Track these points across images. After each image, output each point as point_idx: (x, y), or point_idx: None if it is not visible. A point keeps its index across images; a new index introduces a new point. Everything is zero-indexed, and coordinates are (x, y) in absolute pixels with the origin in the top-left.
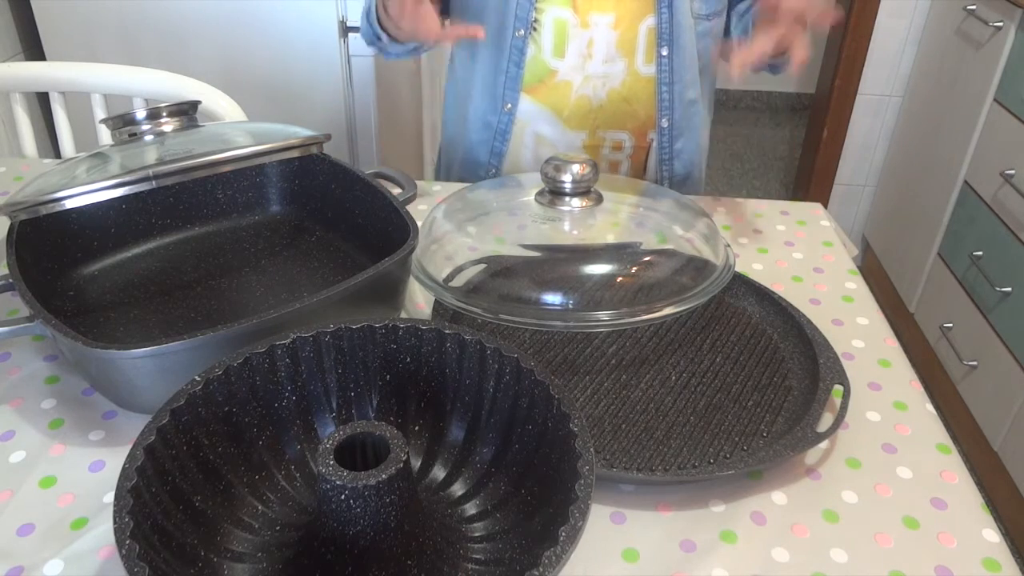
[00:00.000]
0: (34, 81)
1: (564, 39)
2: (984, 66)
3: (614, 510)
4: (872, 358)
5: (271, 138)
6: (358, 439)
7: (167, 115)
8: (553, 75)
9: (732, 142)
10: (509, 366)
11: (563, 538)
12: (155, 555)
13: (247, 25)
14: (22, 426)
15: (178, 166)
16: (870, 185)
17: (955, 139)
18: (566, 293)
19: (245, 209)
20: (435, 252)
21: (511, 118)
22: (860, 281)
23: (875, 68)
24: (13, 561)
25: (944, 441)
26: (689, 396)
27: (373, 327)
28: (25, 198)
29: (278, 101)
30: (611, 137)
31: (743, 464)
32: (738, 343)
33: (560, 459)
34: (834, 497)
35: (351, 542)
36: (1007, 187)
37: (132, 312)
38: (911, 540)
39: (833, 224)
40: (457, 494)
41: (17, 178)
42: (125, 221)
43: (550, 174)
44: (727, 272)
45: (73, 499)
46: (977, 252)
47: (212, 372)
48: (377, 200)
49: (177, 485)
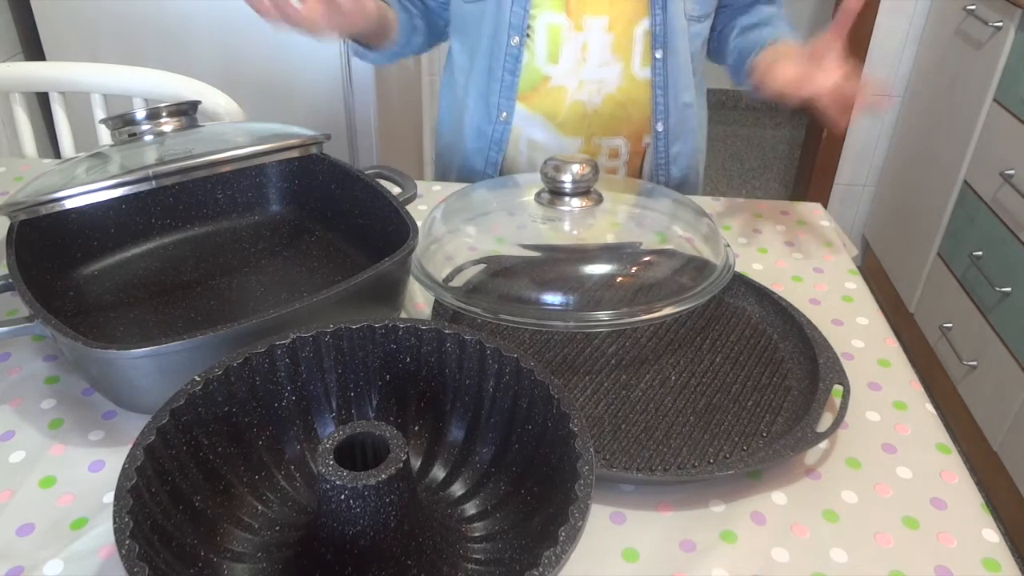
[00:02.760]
0: (34, 81)
1: (558, 44)
2: (984, 66)
3: (614, 510)
4: (872, 358)
5: (271, 138)
6: (358, 439)
7: (167, 115)
8: (547, 81)
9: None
10: (509, 366)
11: (563, 538)
12: (155, 555)
13: (247, 25)
14: (22, 426)
15: (178, 166)
16: (870, 185)
17: (955, 139)
18: (566, 293)
19: (245, 209)
20: (435, 252)
21: (507, 127)
22: (860, 281)
23: (875, 68)
24: (13, 561)
25: (944, 441)
26: (689, 396)
27: (373, 327)
28: (25, 198)
29: (278, 101)
30: (607, 144)
31: (743, 464)
32: (738, 343)
33: (560, 459)
34: (834, 497)
35: (351, 542)
36: (1007, 187)
37: (132, 312)
38: (911, 540)
39: (833, 224)
40: (457, 494)
41: (17, 178)
42: (125, 221)
43: (550, 174)
44: (727, 272)
45: (73, 499)
46: (977, 252)
47: (212, 372)
48: (377, 200)
49: (177, 485)
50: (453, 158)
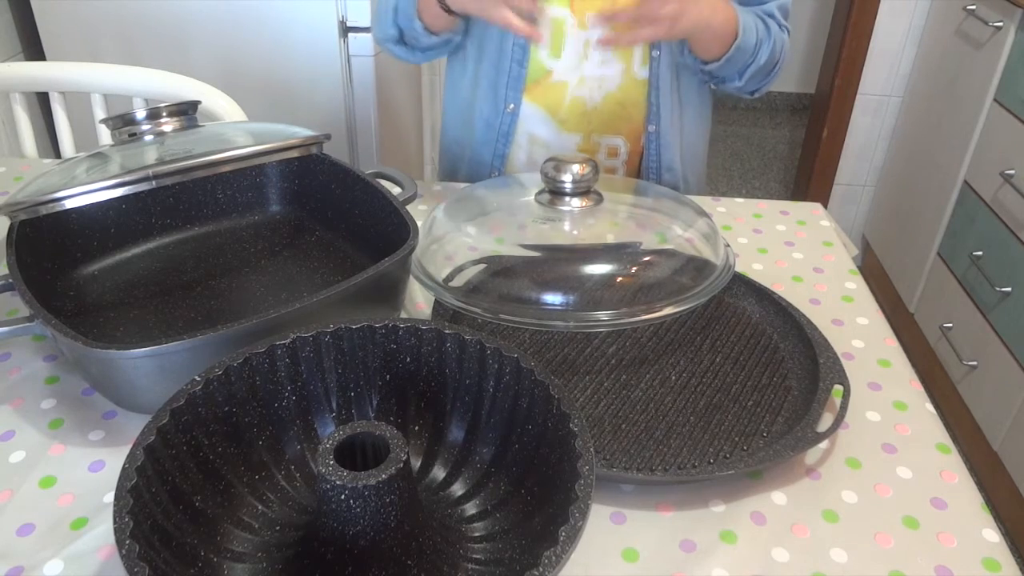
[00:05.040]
0: (34, 81)
1: (561, 39)
2: (984, 66)
3: (614, 510)
4: (872, 358)
5: (271, 138)
6: (358, 439)
7: (167, 115)
8: (549, 75)
9: (732, 142)
10: (509, 366)
11: (563, 538)
12: (155, 555)
13: (247, 25)
14: (22, 426)
15: (178, 166)
16: (870, 185)
17: (955, 139)
18: (566, 293)
19: (245, 209)
20: (435, 252)
21: (514, 119)
22: (860, 281)
23: (875, 68)
24: (13, 561)
25: (944, 441)
26: (689, 396)
27: (373, 327)
28: (25, 198)
29: (278, 101)
30: (606, 143)
31: (743, 464)
32: (738, 343)
33: (560, 459)
34: (834, 497)
35: (351, 542)
36: (1007, 187)
37: (132, 312)
38: (911, 540)
39: (833, 224)
40: (457, 494)
41: (17, 178)
42: (125, 221)
43: (550, 174)
44: (727, 272)
45: (73, 499)
46: (977, 252)
47: (212, 372)
48: (377, 200)
49: (177, 485)
50: (462, 152)
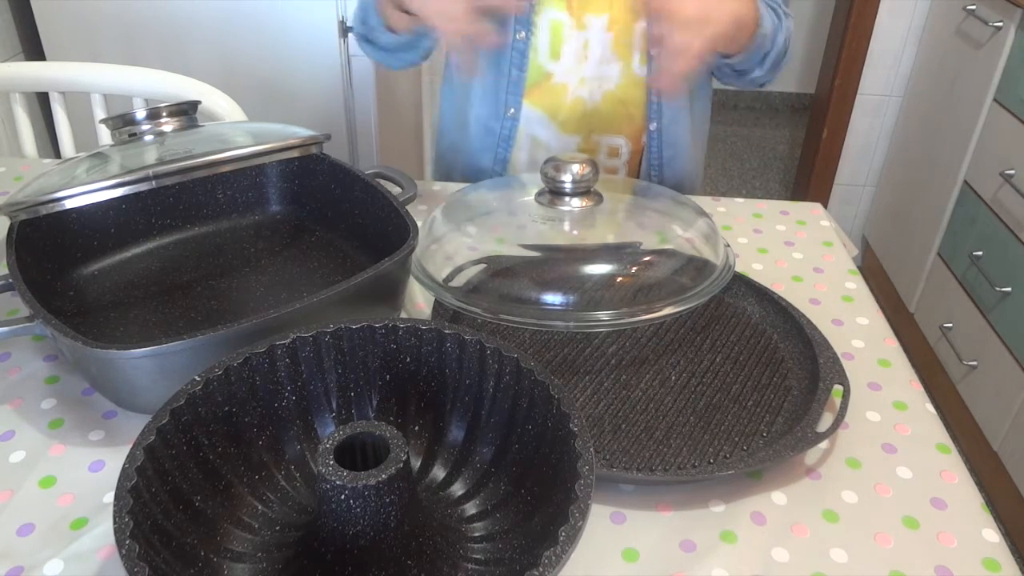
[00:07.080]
0: (34, 81)
1: (560, 41)
2: (984, 66)
3: (614, 510)
4: (872, 358)
5: (271, 138)
6: (358, 439)
7: (167, 115)
8: (549, 78)
9: (732, 142)
10: (509, 366)
11: (563, 538)
12: (155, 555)
13: (247, 25)
14: (22, 426)
15: (178, 166)
16: (870, 185)
17: (955, 139)
18: (566, 293)
19: (245, 209)
20: (435, 252)
21: (515, 123)
22: (860, 281)
23: (875, 68)
24: (13, 561)
25: (944, 441)
26: (689, 396)
27: (373, 327)
28: (25, 198)
29: (278, 101)
30: (607, 142)
31: (743, 464)
32: (738, 343)
33: (560, 459)
34: (834, 497)
35: (351, 542)
36: (1007, 187)
37: (132, 312)
38: (911, 540)
39: (833, 224)
40: (457, 494)
41: (17, 178)
42: (125, 221)
43: (550, 174)
44: (727, 272)
45: (73, 499)
46: (977, 252)
47: (212, 372)
48: (377, 200)
49: (177, 485)
50: (457, 157)
